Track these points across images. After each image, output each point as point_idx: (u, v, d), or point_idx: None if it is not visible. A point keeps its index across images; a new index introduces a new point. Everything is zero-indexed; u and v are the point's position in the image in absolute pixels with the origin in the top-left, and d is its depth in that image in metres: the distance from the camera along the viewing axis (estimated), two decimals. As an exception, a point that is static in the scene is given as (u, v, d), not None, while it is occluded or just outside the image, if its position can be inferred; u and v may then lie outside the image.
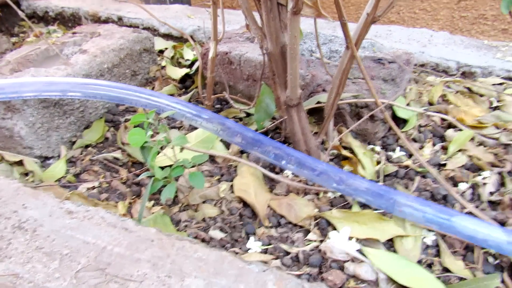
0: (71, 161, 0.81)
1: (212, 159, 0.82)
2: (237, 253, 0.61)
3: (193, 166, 0.76)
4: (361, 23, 0.62)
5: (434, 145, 0.88)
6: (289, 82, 0.67)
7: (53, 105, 0.80)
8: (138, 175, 0.77)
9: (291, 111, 0.72)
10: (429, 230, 0.66)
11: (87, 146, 0.85)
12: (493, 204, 0.73)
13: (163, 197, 0.60)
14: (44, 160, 0.80)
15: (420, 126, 0.94)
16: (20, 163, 0.76)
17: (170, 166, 0.66)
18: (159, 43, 1.32)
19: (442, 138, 0.90)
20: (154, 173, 0.62)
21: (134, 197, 0.71)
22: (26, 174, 0.76)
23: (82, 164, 0.79)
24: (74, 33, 1.12)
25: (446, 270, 0.61)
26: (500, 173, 0.79)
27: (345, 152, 0.82)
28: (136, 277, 0.45)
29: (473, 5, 1.78)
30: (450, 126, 0.94)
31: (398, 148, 0.85)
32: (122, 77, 1.02)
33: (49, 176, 0.74)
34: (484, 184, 0.77)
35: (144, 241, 0.50)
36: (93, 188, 0.72)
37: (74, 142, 0.85)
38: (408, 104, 0.98)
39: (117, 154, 0.81)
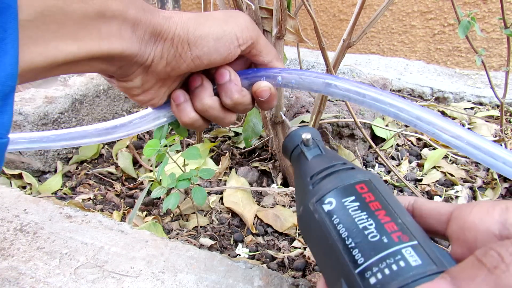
0: (67, 176, 0.84)
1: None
2: (226, 258, 0.64)
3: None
4: (339, 48, 0.69)
5: (410, 162, 0.94)
6: (275, 101, 0.73)
7: (52, 122, 0.85)
8: (131, 189, 0.81)
9: (277, 128, 0.77)
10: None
11: (82, 162, 0.88)
12: (465, 215, 0.78)
13: (164, 206, 0.63)
14: (41, 175, 0.84)
15: (397, 145, 1.00)
16: (18, 176, 0.80)
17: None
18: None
19: (418, 156, 0.96)
20: (162, 181, 0.64)
21: (127, 208, 0.75)
22: (24, 187, 0.79)
23: (77, 178, 0.82)
24: (71, 58, 1.18)
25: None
26: (471, 188, 0.86)
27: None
28: (132, 273, 0.49)
29: (448, 38, 1.91)
30: (426, 145, 1.00)
31: (377, 165, 0.91)
32: (116, 99, 1.07)
33: (46, 189, 0.77)
34: (457, 197, 0.83)
35: (139, 242, 0.53)
36: (89, 199, 0.76)
37: (70, 158, 0.89)
38: (386, 125, 1.05)
39: (111, 169, 0.85)
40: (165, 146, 0.60)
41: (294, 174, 0.40)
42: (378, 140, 0.99)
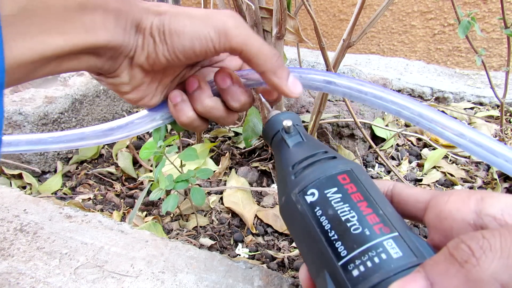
0: (67, 176, 0.84)
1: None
2: (225, 258, 0.64)
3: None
4: (339, 48, 0.69)
5: (410, 162, 0.94)
6: (275, 101, 0.73)
7: (52, 122, 0.85)
8: (131, 189, 0.81)
9: (277, 128, 0.77)
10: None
11: (82, 162, 0.89)
12: (465, 215, 0.78)
13: (164, 209, 0.63)
14: (41, 175, 0.84)
15: (397, 145, 1.00)
16: (18, 176, 0.80)
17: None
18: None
19: (418, 156, 0.96)
20: (160, 182, 0.64)
21: (127, 208, 0.75)
22: (24, 187, 0.79)
23: (77, 178, 0.82)
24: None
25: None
26: (471, 188, 0.86)
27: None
28: (132, 273, 0.49)
29: (448, 38, 1.91)
30: (425, 145, 1.00)
31: (377, 165, 0.91)
32: (116, 99, 1.07)
33: (46, 189, 0.77)
34: (457, 197, 0.83)
35: (139, 242, 0.53)
36: (89, 199, 0.76)
37: (70, 158, 0.89)
38: (386, 125, 1.05)
39: (111, 169, 0.85)
40: (162, 147, 0.59)
41: (275, 162, 0.40)
42: (378, 140, 0.99)
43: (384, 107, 0.37)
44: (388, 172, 0.90)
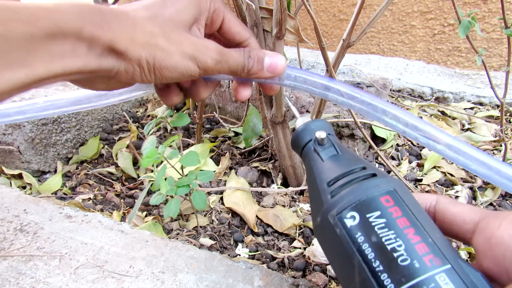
0: (67, 176, 0.84)
1: (202, 174, 0.86)
2: (226, 258, 0.64)
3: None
4: (339, 48, 0.69)
5: (410, 162, 0.94)
6: (275, 101, 0.73)
7: (52, 122, 0.85)
8: (131, 189, 0.81)
9: (277, 128, 0.77)
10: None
11: (82, 162, 0.89)
12: (465, 215, 0.78)
13: (165, 214, 0.62)
14: (41, 175, 0.84)
15: (397, 145, 1.00)
16: (18, 176, 0.80)
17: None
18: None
19: (418, 156, 0.96)
20: (161, 188, 0.63)
21: (127, 208, 0.75)
22: (24, 187, 0.79)
23: (77, 178, 0.82)
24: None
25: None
26: (471, 188, 0.86)
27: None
28: (132, 273, 0.49)
29: (448, 38, 1.91)
30: (425, 145, 1.00)
31: (377, 165, 0.91)
32: (117, 99, 1.07)
33: (46, 189, 0.77)
34: (457, 197, 0.83)
35: (139, 242, 0.53)
36: (89, 199, 0.76)
37: (70, 158, 0.89)
38: (386, 126, 1.05)
39: (111, 169, 0.85)
40: (162, 151, 0.59)
41: (307, 174, 0.37)
42: (378, 140, 0.99)
43: (375, 116, 0.37)
44: (388, 172, 0.90)
